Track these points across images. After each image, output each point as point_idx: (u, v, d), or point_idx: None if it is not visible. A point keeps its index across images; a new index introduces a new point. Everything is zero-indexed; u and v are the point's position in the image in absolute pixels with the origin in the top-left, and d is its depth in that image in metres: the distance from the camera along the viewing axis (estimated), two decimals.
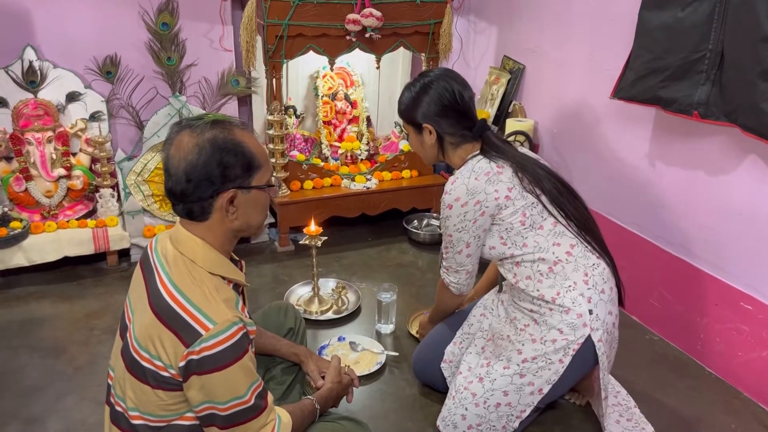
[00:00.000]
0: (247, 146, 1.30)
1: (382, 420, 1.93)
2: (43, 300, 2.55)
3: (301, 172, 3.03)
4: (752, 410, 2.05)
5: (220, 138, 1.27)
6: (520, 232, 1.77)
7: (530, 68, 3.06)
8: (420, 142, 1.89)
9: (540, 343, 1.75)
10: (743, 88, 1.86)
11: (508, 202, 1.76)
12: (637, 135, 2.43)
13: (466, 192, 1.75)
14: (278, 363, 1.82)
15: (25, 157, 2.68)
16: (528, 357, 1.75)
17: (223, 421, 1.32)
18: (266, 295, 2.61)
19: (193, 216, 1.32)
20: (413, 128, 1.87)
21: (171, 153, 1.28)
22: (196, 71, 3.01)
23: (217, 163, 1.26)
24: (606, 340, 1.75)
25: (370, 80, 3.38)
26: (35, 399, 1.98)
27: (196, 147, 1.26)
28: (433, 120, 1.81)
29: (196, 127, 1.28)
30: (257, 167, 1.32)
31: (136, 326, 1.32)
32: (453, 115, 1.82)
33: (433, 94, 1.80)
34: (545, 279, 1.76)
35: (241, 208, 1.32)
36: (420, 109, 1.81)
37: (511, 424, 1.79)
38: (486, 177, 1.76)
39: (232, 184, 1.29)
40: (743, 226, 2.07)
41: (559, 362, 1.73)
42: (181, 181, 1.27)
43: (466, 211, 1.76)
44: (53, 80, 2.73)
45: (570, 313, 1.72)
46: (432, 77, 1.82)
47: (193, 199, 1.29)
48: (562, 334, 1.72)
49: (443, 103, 1.80)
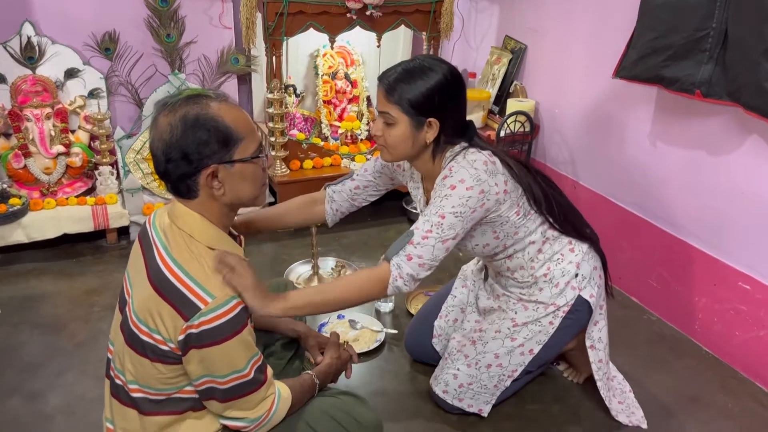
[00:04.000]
0: (221, 120, 1.25)
1: (380, 396, 1.95)
2: (43, 277, 2.55)
3: (300, 152, 3.03)
4: (749, 389, 2.06)
5: (192, 114, 1.24)
6: (514, 222, 1.71)
7: (532, 48, 3.04)
8: (409, 136, 1.61)
9: (532, 310, 1.81)
10: (747, 67, 1.85)
11: (506, 196, 1.65)
12: (639, 115, 2.42)
13: (471, 178, 1.58)
14: (278, 339, 1.82)
15: (23, 133, 2.67)
16: (519, 322, 1.81)
17: (223, 394, 1.33)
18: (266, 274, 2.62)
19: (181, 194, 1.31)
20: (411, 119, 1.59)
21: (151, 134, 1.28)
22: (195, 48, 2.98)
23: (192, 141, 1.23)
24: (597, 294, 1.82)
25: (371, 59, 3.35)
26: (36, 374, 1.99)
27: (169, 126, 1.24)
28: (441, 114, 1.60)
29: (171, 105, 1.26)
30: (237, 140, 1.27)
31: (135, 300, 1.32)
32: (460, 114, 1.67)
33: (451, 86, 1.60)
34: (536, 262, 1.80)
35: (228, 183, 1.29)
36: (434, 101, 1.58)
37: (503, 383, 1.84)
38: (485, 167, 1.61)
39: (210, 159, 1.25)
40: (744, 205, 2.06)
41: (549, 324, 1.80)
42: (161, 161, 1.26)
43: (469, 195, 1.58)
44: (52, 56, 2.71)
45: (559, 285, 1.78)
46: (444, 65, 1.61)
47: (175, 178, 1.27)
48: (553, 304, 1.79)
49: (458, 98, 1.63)
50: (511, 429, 1.85)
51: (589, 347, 1.85)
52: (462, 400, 1.83)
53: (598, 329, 1.85)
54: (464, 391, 1.82)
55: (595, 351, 1.85)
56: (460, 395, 1.83)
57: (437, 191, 1.62)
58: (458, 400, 1.83)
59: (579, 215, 1.87)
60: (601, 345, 1.85)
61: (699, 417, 1.93)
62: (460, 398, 1.83)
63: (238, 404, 1.35)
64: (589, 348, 1.85)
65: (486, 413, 1.85)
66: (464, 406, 1.84)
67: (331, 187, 1.90)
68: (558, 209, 1.79)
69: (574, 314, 1.80)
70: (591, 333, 1.85)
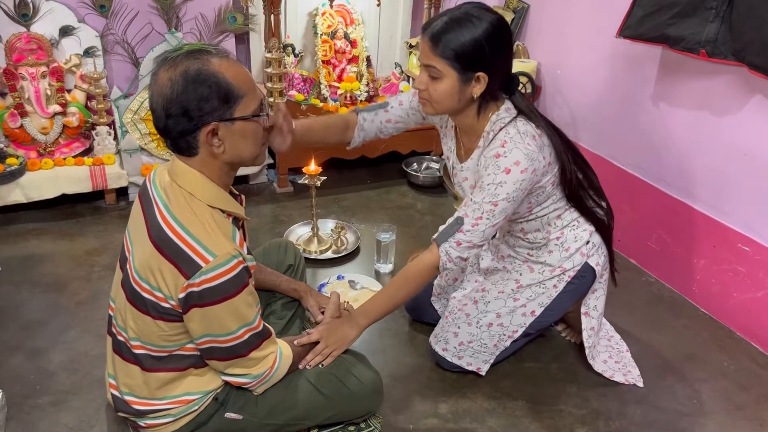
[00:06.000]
0: (222, 76, 1.23)
1: (380, 354, 1.96)
2: (43, 237, 2.55)
3: (299, 113, 2.99)
4: (744, 348, 2.09)
5: (193, 69, 1.22)
6: (548, 192, 1.70)
7: (534, 7, 2.99)
8: (456, 90, 1.55)
9: (538, 273, 1.81)
10: (753, 26, 1.82)
11: (550, 168, 1.64)
12: (642, 76, 2.39)
13: (525, 157, 1.54)
14: (278, 298, 1.84)
15: (19, 92, 2.64)
16: (524, 284, 1.82)
17: (225, 353, 1.34)
18: (266, 235, 2.62)
19: (181, 151, 1.30)
20: (458, 73, 1.52)
21: (151, 90, 1.26)
22: (192, 6, 2.92)
23: (193, 96, 1.22)
24: (602, 264, 1.81)
25: (371, 19, 3.30)
26: (38, 332, 2.00)
27: (169, 81, 1.22)
28: (493, 69, 1.53)
29: (171, 60, 1.24)
30: (238, 97, 1.26)
31: (136, 258, 1.32)
32: (508, 67, 1.59)
33: (504, 38, 1.52)
34: (553, 226, 1.79)
35: (228, 141, 1.28)
36: (484, 53, 1.50)
37: (503, 343, 1.85)
38: (534, 142, 1.57)
39: (210, 116, 1.24)
40: (746, 166, 2.05)
41: (553, 287, 1.80)
42: (161, 117, 1.25)
43: (524, 178, 1.54)
44: (46, 13, 2.66)
45: (570, 249, 1.78)
46: (495, 17, 1.52)
47: (175, 134, 1.26)
48: (560, 267, 1.79)
49: (508, 53, 1.56)
50: (509, 387, 1.87)
51: (584, 314, 1.86)
52: (461, 358, 1.85)
53: (595, 297, 1.86)
54: (464, 349, 1.84)
55: (588, 318, 1.86)
56: (459, 353, 1.85)
57: (490, 171, 1.56)
58: (458, 357, 1.85)
59: (601, 191, 1.84)
60: (595, 313, 1.87)
61: (695, 375, 1.96)
62: (459, 356, 1.85)
63: (240, 362, 1.37)
64: (583, 314, 1.86)
65: (484, 372, 1.87)
66: (463, 364, 1.86)
67: (362, 114, 1.83)
68: (587, 183, 1.78)
69: (578, 279, 1.80)
70: (588, 300, 1.86)
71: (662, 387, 1.90)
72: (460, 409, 1.78)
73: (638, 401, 1.84)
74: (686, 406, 1.84)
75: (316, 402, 1.51)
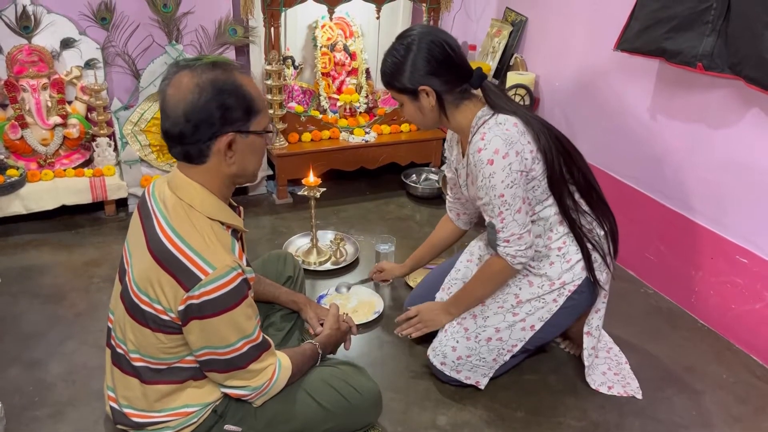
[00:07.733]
0: (247, 89, 1.28)
1: (380, 366, 1.96)
2: (42, 248, 2.55)
3: (299, 124, 3.01)
4: (743, 360, 2.09)
5: (222, 79, 1.25)
6: (545, 189, 1.72)
7: (532, 20, 3.01)
8: (418, 109, 1.69)
9: (537, 287, 1.81)
10: (749, 39, 1.83)
11: (538, 155, 1.66)
12: (639, 88, 2.40)
13: (503, 142, 1.59)
14: (277, 310, 1.84)
15: (20, 104, 2.65)
16: (523, 299, 1.81)
17: (224, 365, 1.34)
18: (265, 246, 2.62)
19: (190, 159, 1.30)
20: (407, 96, 1.68)
21: (169, 93, 1.26)
22: (192, 19, 2.94)
23: (218, 105, 1.24)
24: (604, 280, 1.81)
25: (370, 31, 3.32)
26: (37, 343, 2.00)
27: (196, 87, 1.23)
28: (428, 80, 1.64)
29: (196, 67, 1.26)
30: (256, 112, 1.30)
31: (135, 270, 1.32)
32: (448, 70, 1.65)
33: (422, 51, 1.62)
34: (555, 233, 1.78)
35: (239, 153, 1.31)
36: (410, 72, 1.63)
37: (502, 357, 1.85)
38: (515, 128, 1.63)
39: (231, 127, 1.27)
40: (743, 178, 2.06)
41: (553, 302, 1.80)
42: (179, 121, 1.25)
43: (510, 162, 1.59)
44: (47, 26, 2.68)
45: (571, 261, 1.78)
46: (414, 35, 1.64)
47: (191, 141, 1.27)
48: (560, 280, 1.78)
49: (435, 59, 1.62)
50: (508, 398, 1.87)
51: (586, 333, 1.87)
52: (460, 371, 1.85)
53: (598, 317, 1.87)
54: (462, 364, 1.84)
55: (590, 338, 1.87)
56: (458, 367, 1.84)
57: (478, 168, 1.63)
58: (456, 371, 1.85)
59: (603, 199, 1.84)
60: (597, 333, 1.88)
61: (694, 387, 1.96)
62: (458, 370, 1.85)
63: (239, 374, 1.37)
64: (585, 334, 1.87)
65: (483, 386, 1.86)
66: (462, 378, 1.86)
67: (447, 205, 2.09)
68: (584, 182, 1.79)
69: (578, 295, 1.80)
70: (590, 320, 1.86)
71: (661, 399, 1.90)
72: (459, 420, 1.78)
73: (637, 413, 1.84)
74: (684, 418, 1.83)
75: (315, 414, 1.50)
